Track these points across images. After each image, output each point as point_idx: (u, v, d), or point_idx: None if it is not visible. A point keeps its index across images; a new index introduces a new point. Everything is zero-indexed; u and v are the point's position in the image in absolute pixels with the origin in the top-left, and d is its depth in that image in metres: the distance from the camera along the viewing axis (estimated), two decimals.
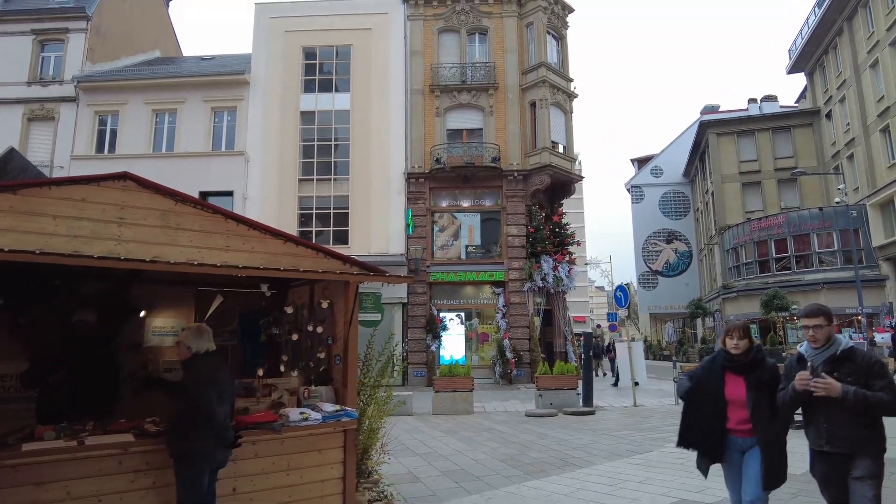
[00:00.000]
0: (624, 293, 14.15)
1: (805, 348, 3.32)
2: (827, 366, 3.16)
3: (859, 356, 3.15)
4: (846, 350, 3.19)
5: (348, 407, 5.01)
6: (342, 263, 5.15)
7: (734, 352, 3.54)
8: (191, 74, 22.76)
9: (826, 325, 3.23)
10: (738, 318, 31.93)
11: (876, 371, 3.08)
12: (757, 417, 3.41)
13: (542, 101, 21.16)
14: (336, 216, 21.15)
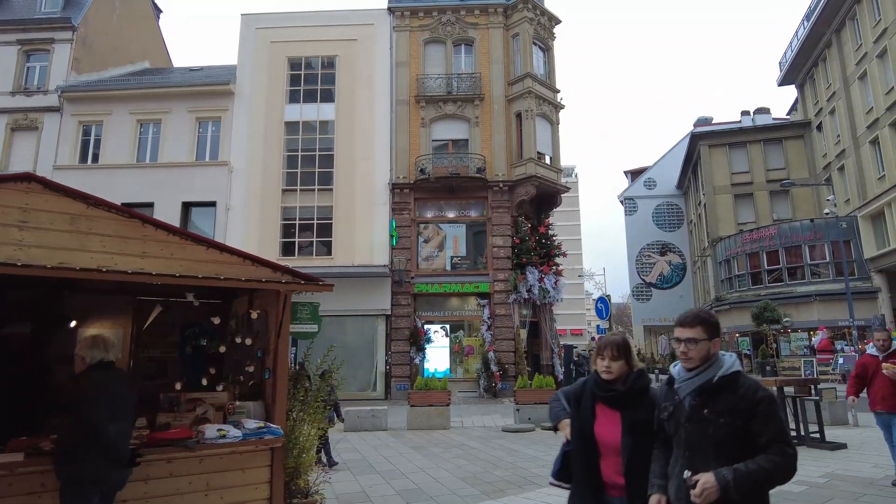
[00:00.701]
0: (605, 305, 13.87)
1: (678, 370, 2.42)
2: (697, 397, 2.31)
3: (742, 387, 2.26)
4: (726, 377, 2.29)
5: (276, 423, 4.74)
6: (271, 271, 4.90)
7: (605, 377, 2.61)
8: (175, 85, 22.67)
9: (704, 339, 2.32)
10: (729, 331, 31.71)
11: (762, 410, 2.19)
12: (631, 472, 2.47)
13: (528, 112, 21.05)
14: (319, 227, 20.93)
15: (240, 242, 20.61)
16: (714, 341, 2.35)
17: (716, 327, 2.38)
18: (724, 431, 2.21)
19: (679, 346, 2.37)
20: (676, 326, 2.41)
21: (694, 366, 2.34)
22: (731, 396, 2.25)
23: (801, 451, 8.71)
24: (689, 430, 2.30)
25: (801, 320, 27.55)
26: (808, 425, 9.08)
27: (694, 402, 2.33)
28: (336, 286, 18.01)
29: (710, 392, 2.30)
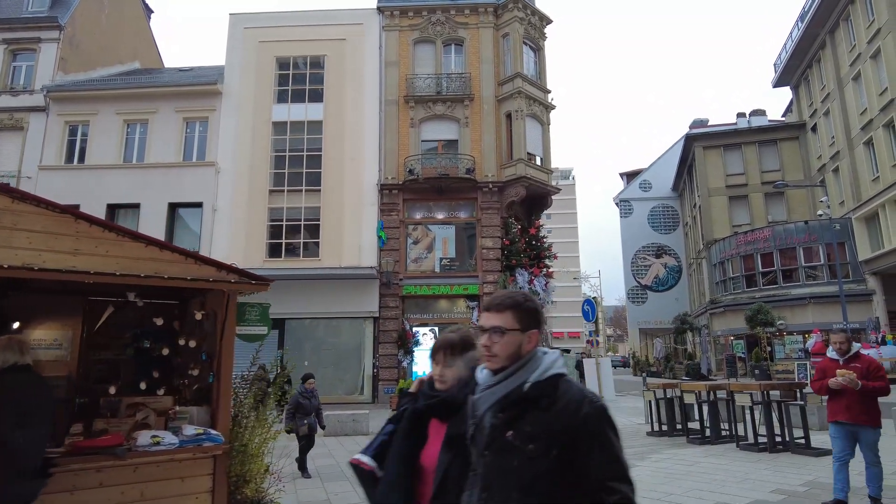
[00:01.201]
0: (591, 307, 13.65)
1: (484, 374, 1.74)
2: (499, 413, 1.64)
3: (563, 398, 1.59)
4: (541, 384, 1.62)
5: (220, 429, 4.50)
6: (216, 270, 4.68)
7: (438, 387, 1.96)
8: (163, 85, 22.46)
9: (515, 329, 1.66)
10: (723, 333, 31.47)
11: (589, 433, 1.55)
12: (442, 498, 1.78)
13: (518, 113, 20.85)
14: (307, 228, 20.69)
15: (226, 243, 20.44)
16: (530, 334, 1.68)
17: (533, 315, 1.70)
18: (536, 464, 1.54)
19: (481, 337, 1.70)
20: (482, 311, 1.77)
21: (499, 366, 1.67)
22: (545, 413, 1.58)
23: (785, 458, 8.50)
24: (488, 461, 1.63)
25: (796, 323, 27.33)
26: (794, 430, 8.84)
27: (495, 420, 1.63)
28: (323, 288, 17.85)
29: (517, 406, 1.61)
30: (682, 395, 10.44)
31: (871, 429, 5.22)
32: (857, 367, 5.25)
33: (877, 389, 5.11)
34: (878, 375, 5.18)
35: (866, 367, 5.23)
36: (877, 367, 5.25)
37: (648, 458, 8.58)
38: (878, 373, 5.21)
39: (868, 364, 5.28)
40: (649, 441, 10.42)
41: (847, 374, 5.10)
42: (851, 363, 5.36)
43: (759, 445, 8.81)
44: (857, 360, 5.36)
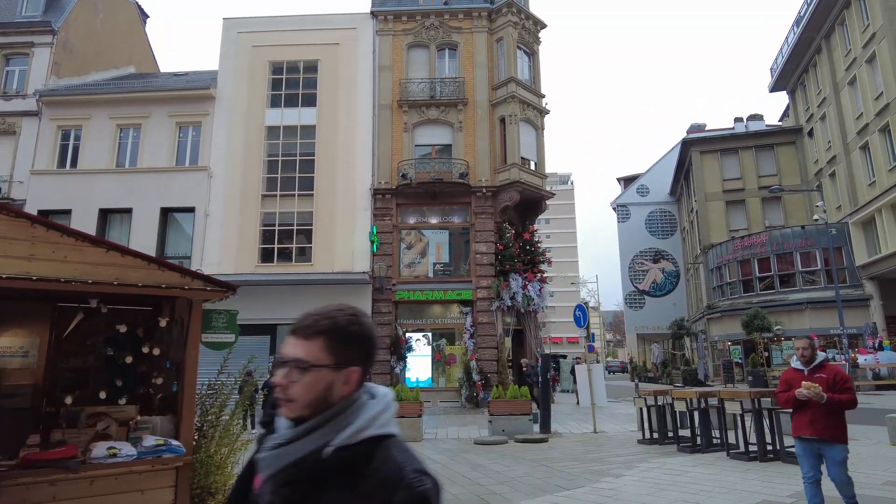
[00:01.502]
0: (583, 312, 13.50)
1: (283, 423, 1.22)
2: (281, 488, 1.13)
3: (375, 475, 1.08)
4: (348, 449, 1.11)
5: (183, 440, 4.35)
6: (180, 276, 4.54)
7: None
8: (156, 89, 22.40)
9: (323, 365, 1.15)
10: (721, 339, 31.28)
11: None
12: None
13: (512, 117, 20.78)
14: (300, 233, 20.58)
15: (218, 248, 20.33)
16: (347, 372, 1.17)
17: (355, 343, 1.20)
18: None
19: (276, 373, 1.20)
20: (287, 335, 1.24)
21: (296, 415, 1.17)
22: (347, 495, 1.08)
23: (775, 467, 8.35)
24: None
25: (793, 328, 27.14)
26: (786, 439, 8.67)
27: (275, 497, 1.13)
28: (316, 293, 17.62)
29: (309, 479, 1.11)
30: (672, 402, 10.29)
31: (837, 445, 4.66)
32: (821, 377, 4.71)
33: (843, 402, 4.58)
34: (844, 387, 4.63)
35: (832, 378, 4.68)
36: (843, 378, 4.71)
37: (636, 466, 8.43)
38: (844, 384, 4.66)
39: (834, 374, 4.73)
40: (639, 449, 10.25)
41: (812, 387, 4.56)
42: (816, 373, 4.80)
43: (750, 454, 8.66)
44: (822, 370, 4.82)
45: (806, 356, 4.92)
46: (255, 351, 20.51)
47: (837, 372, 4.78)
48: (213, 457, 4.72)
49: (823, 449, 4.71)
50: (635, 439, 11.24)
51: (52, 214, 21.40)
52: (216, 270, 19.90)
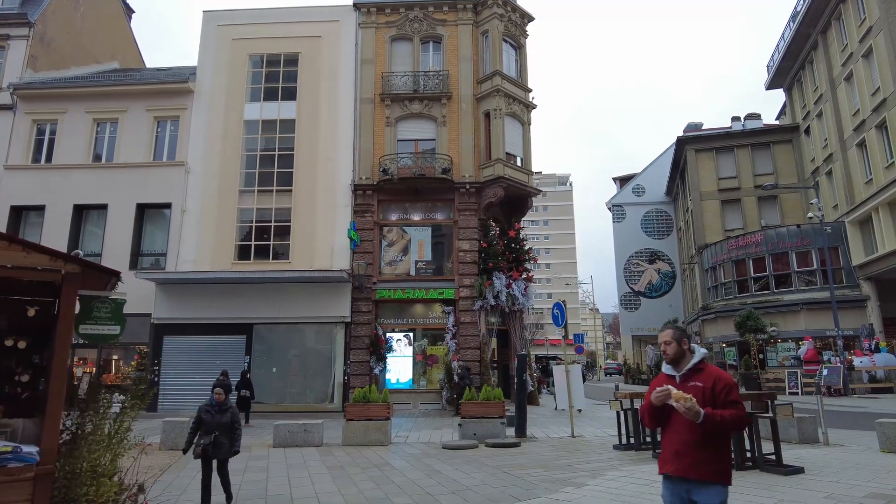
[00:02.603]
0: (561, 311, 12.91)
1: None
2: None
3: None
4: None
5: (47, 444, 3.78)
6: (50, 259, 3.96)
7: None
8: (133, 83, 21.88)
9: None
10: (715, 341, 30.62)
11: None
12: None
13: (497, 111, 20.21)
14: (277, 229, 20.02)
15: (195, 245, 19.79)
16: None
17: None
18: None
19: None
20: None
21: None
22: None
23: (752, 476, 7.73)
24: None
25: (789, 329, 26.52)
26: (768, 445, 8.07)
27: None
28: (294, 292, 16.99)
29: None
30: None
31: (712, 487, 3.05)
32: (696, 385, 3.13)
33: (726, 422, 2.99)
34: (728, 400, 3.07)
35: (711, 387, 3.12)
36: (727, 387, 3.13)
37: (604, 475, 7.83)
38: (728, 395, 3.10)
39: (714, 382, 3.14)
40: (613, 455, 9.66)
41: (683, 398, 2.99)
42: (691, 379, 3.19)
43: None
44: (698, 374, 3.21)
45: (670, 354, 3.27)
46: (231, 351, 20.04)
47: (719, 378, 3.17)
48: (90, 465, 4.13)
49: (694, 492, 3.08)
50: (611, 445, 10.65)
51: (26, 210, 20.92)
52: (192, 268, 19.39)
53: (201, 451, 6.10)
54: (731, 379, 3.18)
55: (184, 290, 19.16)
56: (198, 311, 18.96)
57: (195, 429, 6.26)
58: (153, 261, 20.38)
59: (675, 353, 3.25)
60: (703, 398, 3.05)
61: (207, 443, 6.09)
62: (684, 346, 3.24)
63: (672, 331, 3.28)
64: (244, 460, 9.90)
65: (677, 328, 3.29)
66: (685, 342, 3.25)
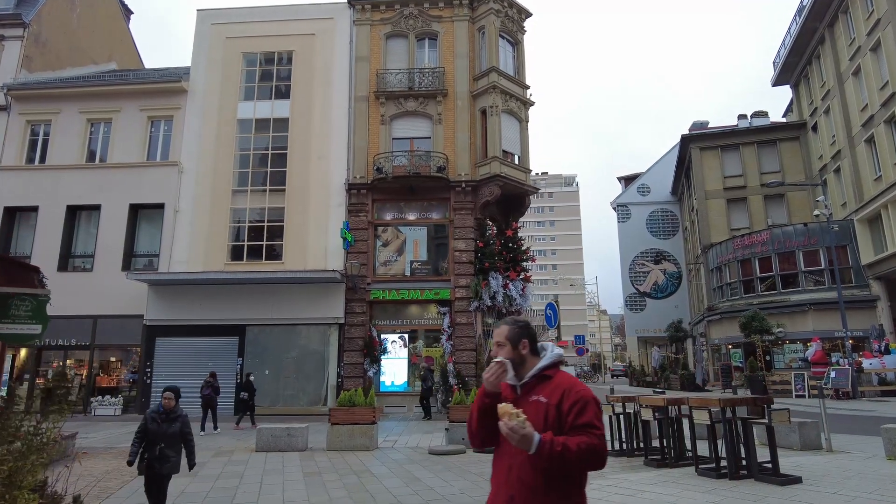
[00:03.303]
0: (554, 311, 12.49)
1: None
2: None
3: None
4: None
5: None
6: None
7: None
8: (127, 83, 21.72)
9: None
10: (721, 342, 30.03)
11: None
12: None
13: (493, 108, 19.83)
14: (270, 229, 19.74)
15: (187, 246, 19.57)
16: None
17: None
18: None
19: None
20: None
21: None
22: None
23: (745, 485, 7.27)
24: None
25: (796, 330, 25.86)
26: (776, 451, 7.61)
27: None
28: (287, 293, 16.66)
29: None
30: (639, 410, 9.26)
31: None
32: (538, 401, 2.19)
33: (569, 454, 1.99)
34: (579, 423, 2.08)
35: (557, 404, 2.15)
36: (578, 403, 2.13)
37: (588, 483, 7.39)
38: (580, 415, 2.10)
39: (562, 395, 2.16)
40: None
41: (509, 414, 2.03)
42: (533, 392, 2.24)
43: (721, 470, 7.61)
44: (543, 385, 2.24)
45: (515, 358, 2.28)
46: (223, 353, 19.74)
47: (569, 390, 2.17)
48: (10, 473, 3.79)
49: None
50: None
51: (19, 211, 20.80)
52: (185, 268, 19.16)
53: (146, 465, 5.37)
54: (586, 391, 2.15)
55: (176, 292, 18.93)
56: (190, 312, 18.71)
57: (140, 438, 5.47)
58: (146, 262, 20.17)
59: (509, 358, 2.26)
60: (546, 419, 2.12)
61: (153, 456, 5.34)
62: (523, 349, 2.29)
63: (507, 328, 2.34)
64: (221, 465, 9.60)
65: (516, 324, 2.36)
66: (524, 344, 2.29)
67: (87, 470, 8.48)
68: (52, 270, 19.52)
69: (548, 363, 2.29)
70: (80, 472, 8.17)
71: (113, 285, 18.95)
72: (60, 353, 19.50)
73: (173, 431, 5.46)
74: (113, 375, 20.24)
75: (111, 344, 19.67)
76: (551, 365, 2.29)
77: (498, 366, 2.23)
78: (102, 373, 20.08)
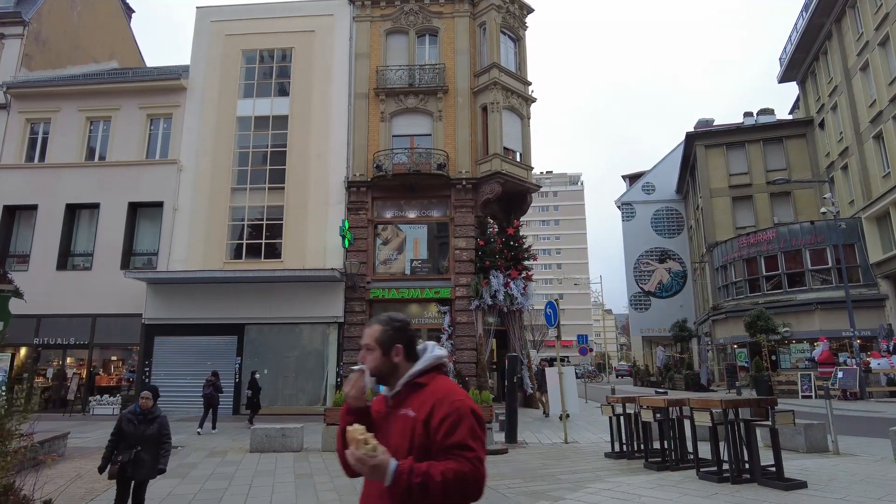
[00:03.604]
0: (553, 310, 12.26)
1: None
2: None
3: None
4: None
5: None
6: None
7: None
8: (126, 81, 21.62)
9: None
10: (726, 342, 29.69)
11: None
12: None
13: (494, 105, 19.60)
14: (269, 228, 19.60)
15: (186, 244, 19.45)
16: None
17: None
18: None
19: None
20: None
21: None
22: None
23: (748, 490, 6.98)
24: None
25: (803, 330, 25.49)
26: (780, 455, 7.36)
27: None
28: (286, 291, 16.49)
29: None
30: (639, 411, 9.02)
31: None
32: (406, 415, 1.81)
33: (432, 485, 1.63)
34: (448, 444, 1.70)
35: (425, 418, 1.76)
36: (450, 418, 1.72)
37: (585, 487, 7.19)
38: (450, 435, 1.71)
39: (432, 408, 1.76)
40: (603, 464, 9.02)
41: (356, 441, 1.65)
42: (404, 404, 1.87)
43: (723, 474, 7.37)
44: (415, 396, 1.85)
45: (370, 367, 1.91)
46: (222, 352, 19.62)
47: (441, 402, 1.78)
48: None
49: None
50: (603, 452, 9.99)
51: (18, 210, 20.75)
52: (183, 267, 19.05)
53: (118, 469, 5.02)
54: (461, 403, 1.75)
55: (175, 290, 18.81)
56: (189, 311, 18.60)
57: (114, 442, 5.14)
58: (145, 260, 20.07)
59: (378, 366, 1.89)
60: (412, 439, 1.75)
61: (126, 459, 5.00)
62: (395, 355, 1.89)
63: (379, 329, 1.93)
64: (213, 466, 9.44)
65: (390, 324, 1.94)
66: (398, 350, 1.89)
67: (75, 471, 8.34)
68: (52, 269, 19.51)
69: (421, 368, 1.88)
70: (68, 473, 8.03)
71: (112, 284, 18.86)
72: (59, 351, 19.44)
73: (151, 433, 5.16)
74: (112, 374, 20.20)
75: (110, 343, 19.61)
76: (426, 370, 1.88)
77: (355, 376, 1.88)
78: (102, 372, 20.04)
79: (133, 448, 5.05)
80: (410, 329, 2.01)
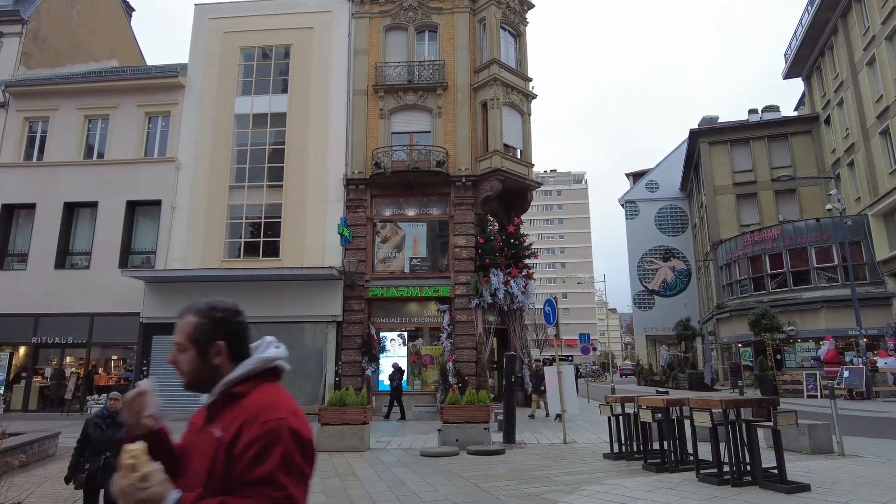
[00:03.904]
0: (552, 308, 12.05)
1: None
2: None
3: None
4: None
5: None
6: None
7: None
8: (124, 79, 21.54)
9: None
10: (731, 340, 29.38)
11: None
12: None
13: (494, 101, 19.40)
14: (267, 226, 19.47)
15: (184, 243, 19.35)
16: None
17: None
18: None
19: None
20: None
21: None
22: None
23: (749, 493, 6.76)
24: None
25: (808, 329, 25.18)
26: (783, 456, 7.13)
27: None
28: (284, 290, 16.31)
29: None
30: (638, 411, 8.81)
31: None
32: (212, 435, 1.41)
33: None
34: (251, 478, 1.28)
35: (230, 440, 1.35)
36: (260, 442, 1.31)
37: (580, 490, 6.99)
38: (256, 465, 1.29)
39: (240, 426, 1.35)
40: (600, 466, 8.81)
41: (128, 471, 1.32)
42: (217, 419, 1.44)
43: (723, 476, 7.15)
44: (229, 409, 1.43)
45: (184, 370, 1.49)
46: None
47: (254, 418, 1.36)
48: None
49: None
50: (602, 453, 9.79)
51: (17, 208, 20.70)
52: (181, 266, 18.93)
53: (85, 478, 4.66)
54: (277, 424, 1.34)
55: (173, 289, 18.69)
56: None
57: (80, 449, 4.80)
58: (143, 259, 19.98)
59: (192, 371, 1.49)
60: (212, 466, 1.37)
61: (95, 468, 4.64)
62: (216, 355, 1.47)
63: (193, 321, 1.49)
64: None
65: (209, 314, 1.50)
66: (219, 348, 1.47)
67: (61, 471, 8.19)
68: (50, 268, 19.45)
69: (239, 374, 1.46)
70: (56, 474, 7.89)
71: (110, 283, 18.78)
72: (57, 350, 19.38)
73: (120, 437, 4.70)
74: (111, 374, 20.11)
75: (108, 342, 19.53)
76: (246, 377, 1.46)
77: (131, 397, 1.48)
78: (101, 371, 19.95)
79: (101, 454, 4.72)
80: (237, 320, 1.52)
